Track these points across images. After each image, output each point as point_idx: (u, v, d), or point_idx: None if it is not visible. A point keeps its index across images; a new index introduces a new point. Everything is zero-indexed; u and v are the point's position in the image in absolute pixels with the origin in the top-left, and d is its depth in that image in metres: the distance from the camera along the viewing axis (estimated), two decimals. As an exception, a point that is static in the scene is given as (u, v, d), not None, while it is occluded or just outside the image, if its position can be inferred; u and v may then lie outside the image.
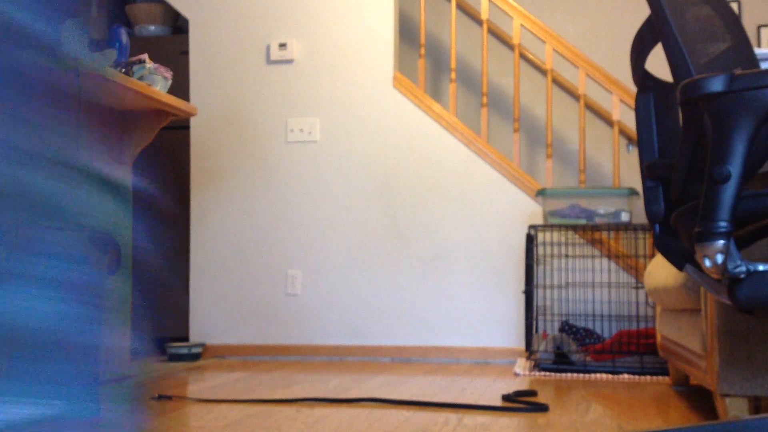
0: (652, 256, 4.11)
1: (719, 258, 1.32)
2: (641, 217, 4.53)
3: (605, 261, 4.33)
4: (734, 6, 5.13)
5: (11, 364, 0.82)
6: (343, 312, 4.54)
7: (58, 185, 0.95)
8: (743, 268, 1.32)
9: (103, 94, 3.29)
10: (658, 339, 3.50)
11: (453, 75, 4.69)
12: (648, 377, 3.66)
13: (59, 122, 0.99)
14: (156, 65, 3.50)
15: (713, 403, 2.81)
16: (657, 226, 1.62)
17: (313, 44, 4.69)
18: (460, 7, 5.32)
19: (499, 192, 4.49)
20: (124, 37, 3.55)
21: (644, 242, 4.21)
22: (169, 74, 3.44)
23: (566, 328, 4.11)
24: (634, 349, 3.83)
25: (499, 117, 5.35)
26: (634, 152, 5.09)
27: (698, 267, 1.54)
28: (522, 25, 4.61)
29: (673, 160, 1.53)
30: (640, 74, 1.63)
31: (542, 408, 2.79)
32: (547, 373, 3.75)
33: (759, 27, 5.12)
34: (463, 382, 3.54)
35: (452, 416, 2.70)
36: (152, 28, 4.99)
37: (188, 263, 4.59)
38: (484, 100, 4.65)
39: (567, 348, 3.89)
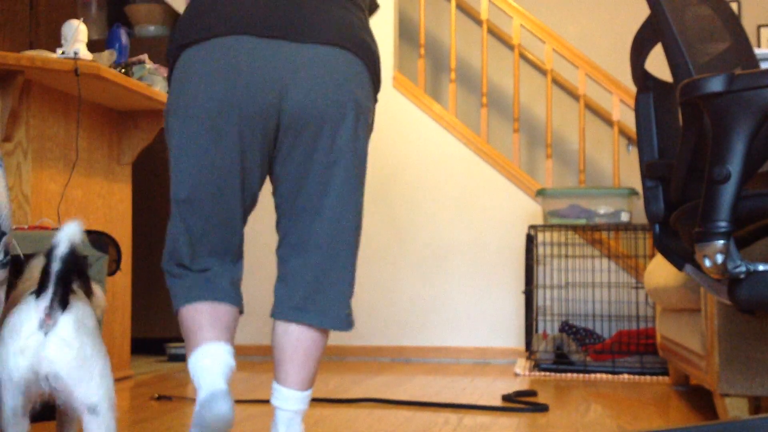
0: (652, 256, 4.11)
1: (719, 258, 1.32)
2: (641, 217, 4.53)
3: (605, 261, 4.33)
4: (734, 6, 5.13)
5: None
6: (343, 312, 4.54)
7: None
8: (743, 268, 1.32)
9: (103, 94, 3.29)
10: (658, 339, 3.50)
11: (453, 75, 4.69)
12: (648, 377, 3.66)
13: None
14: (156, 65, 3.50)
15: (713, 403, 2.81)
16: (657, 226, 1.62)
17: (313, 44, 4.68)
18: (460, 7, 5.32)
19: (499, 192, 4.49)
20: (124, 37, 3.55)
21: (644, 242, 4.21)
22: (169, 74, 3.44)
23: (566, 328, 4.11)
24: (634, 349, 3.83)
25: (499, 117, 5.35)
26: (634, 152, 5.09)
27: (698, 267, 1.54)
28: (522, 25, 4.61)
29: (673, 160, 1.53)
30: (640, 74, 1.63)
31: (542, 408, 2.79)
32: (547, 373, 3.75)
33: (759, 27, 5.13)
34: (463, 383, 3.54)
35: (452, 416, 2.70)
36: (152, 28, 4.99)
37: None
38: (484, 100, 4.65)
39: (567, 348, 3.89)
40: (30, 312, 1.52)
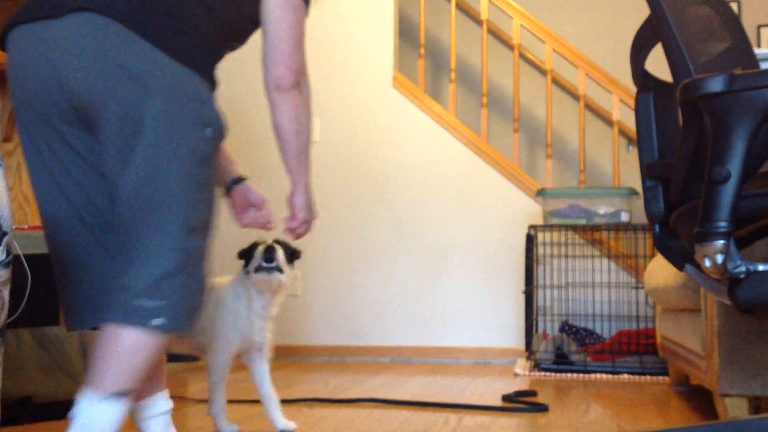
0: (652, 256, 4.10)
1: (719, 258, 1.32)
2: (641, 217, 4.53)
3: (605, 261, 4.33)
4: (734, 6, 5.13)
5: None
6: (343, 312, 4.54)
7: None
8: (743, 268, 1.32)
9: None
10: (658, 339, 3.50)
11: (453, 75, 4.69)
12: (648, 377, 3.66)
13: None
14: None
15: (713, 403, 2.81)
16: (657, 226, 1.62)
17: (313, 44, 4.69)
18: (460, 7, 5.32)
19: (499, 192, 4.48)
20: (124, 38, 3.55)
21: (644, 242, 4.21)
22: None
23: (566, 328, 4.11)
24: (634, 349, 3.83)
25: (499, 117, 5.35)
26: (634, 152, 5.08)
27: (698, 267, 1.54)
28: (522, 25, 4.61)
29: (673, 160, 1.53)
30: (640, 74, 1.63)
31: (542, 408, 2.79)
32: (547, 373, 3.75)
33: (759, 27, 5.12)
34: (463, 382, 3.53)
35: (452, 416, 2.70)
36: (152, 28, 4.98)
37: (188, 263, 4.57)
38: (484, 100, 4.65)
39: (567, 348, 3.88)
40: None
